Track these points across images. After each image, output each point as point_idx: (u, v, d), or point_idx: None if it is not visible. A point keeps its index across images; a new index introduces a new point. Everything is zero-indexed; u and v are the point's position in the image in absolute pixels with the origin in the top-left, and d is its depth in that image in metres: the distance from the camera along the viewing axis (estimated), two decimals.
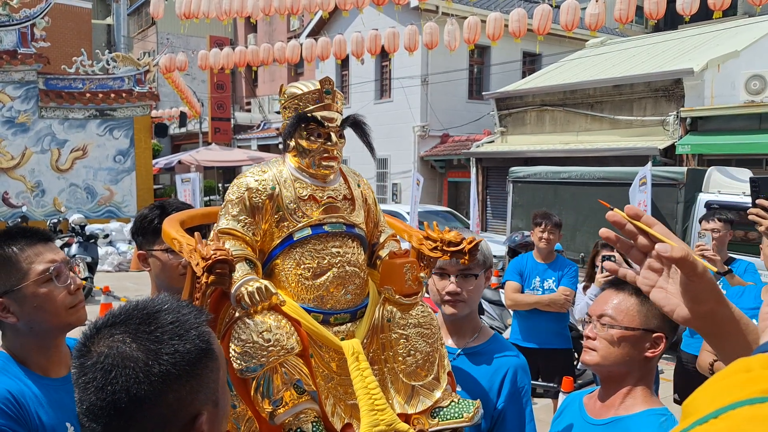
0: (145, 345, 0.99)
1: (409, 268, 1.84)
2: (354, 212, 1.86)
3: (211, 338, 1.09)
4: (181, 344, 1.01)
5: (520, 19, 10.00)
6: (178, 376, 1.00)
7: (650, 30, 19.36)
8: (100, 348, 1.00)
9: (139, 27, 34.04)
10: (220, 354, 1.11)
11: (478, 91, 18.80)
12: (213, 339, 1.10)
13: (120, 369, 0.97)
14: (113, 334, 1.01)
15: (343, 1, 10.67)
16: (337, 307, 1.79)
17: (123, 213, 14.11)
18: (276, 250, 1.78)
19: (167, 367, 0.99)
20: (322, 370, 1.77)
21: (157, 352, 0.99)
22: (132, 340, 1.00)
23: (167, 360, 0.99)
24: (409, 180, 15.38)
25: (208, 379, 1.06)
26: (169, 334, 1.02)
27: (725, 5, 8.29)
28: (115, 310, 1.06)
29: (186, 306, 1.09)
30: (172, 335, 1.02)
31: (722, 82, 11.76)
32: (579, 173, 9.58)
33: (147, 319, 1.03)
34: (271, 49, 13.50)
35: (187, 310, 1.08)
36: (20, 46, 13.26)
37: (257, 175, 1.80)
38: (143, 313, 1.04)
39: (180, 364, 1.00)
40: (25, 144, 13.59)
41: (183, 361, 1.00)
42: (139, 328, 1.01)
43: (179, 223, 1.85)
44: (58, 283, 1.68)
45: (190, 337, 1.03)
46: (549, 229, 4.91)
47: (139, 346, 0.99)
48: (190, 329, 1.04)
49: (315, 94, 1.79)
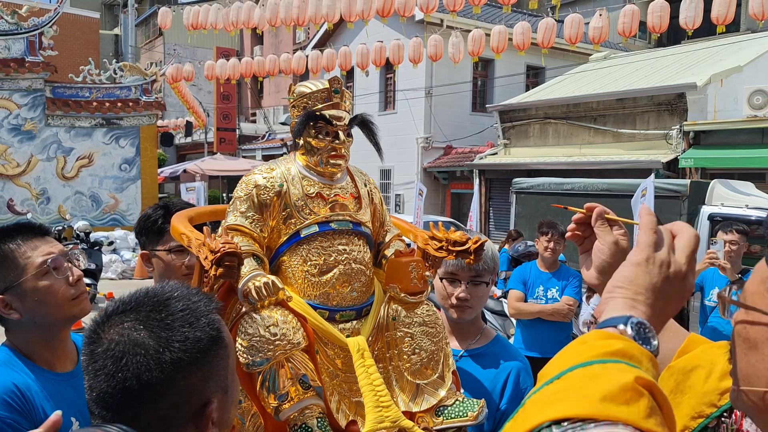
0: (156, 332, 1.00)
1: (414, 266, 1.86)
2: (360, 210, 1.88)
3: (221, 326, 1.10)
4: (192, 332, 1.02)
5: (524, 33, 10.05)
6: (189, 363, 1.00)
7: (653, 44, 19.44)
8: (111, 335, 1.01)
9: (147, 37, 34.29)
10: (229, 342, 1.12)
11: (482, 103, 18.86)
12: (223, 326, 1.11)
13: (131, 356, 0.98)
14: (124, 321, 1.02)
15: (348, 12, 10.75)
16: (342, 305, 1.80)
17: (127, 221, 14.13)
18: (283, 247, 1.79)
19: (178, 354, 0.99)
20: (328, 366, 1.77)
21: (168, 340, 1.00)
22: (143, 327, 1.00)
23: (178, 347, 1.00)
24: (412, 191, 15.40)
25: (219, 366, 1.06)
26: (180, 321, 1.02)
27: (728, 20, 8.33)
28: (126, 297, 1.07)
29: (196, 293, 1.09)
30: (182, 322, 1.02)
31: (725, 97, 11.78)
32: (582, 184, 9.60)
33: (158, 306, 1.03)
34: (277, 60, 13.59)
35: (197, 297, 1.08)
36: (28, 54, 13.35)
37: (265, 172, 1.82)
38: (154, 301, 1.04)
39: (191, 351, 1.01)
40: (31, 151, 13.65)
41: (194, 349, 1.01)
42: (150, 315, 1.02)
43: (188, 219, 1.87)
44: (57, 275, 1.67)
45: (200, 324, 1.04)
46: (555, 239, 4.92)
47: (149, 333, 1.00)
48: (200, 317, 1.05)
49: (324, 92, 1.81)
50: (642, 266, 0.87)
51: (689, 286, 0.91)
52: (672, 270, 0.88)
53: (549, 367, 0.78)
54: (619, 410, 0.68)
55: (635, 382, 0.71)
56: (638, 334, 0.79)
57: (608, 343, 0.77)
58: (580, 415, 0.68)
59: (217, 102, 25.48)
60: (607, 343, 0.76)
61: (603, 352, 0.75)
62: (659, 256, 0.88)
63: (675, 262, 0.89)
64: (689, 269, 0.90)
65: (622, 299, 0.84)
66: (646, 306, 0.84)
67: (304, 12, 11.29)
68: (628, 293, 0.85)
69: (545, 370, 0.78)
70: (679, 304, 0.91)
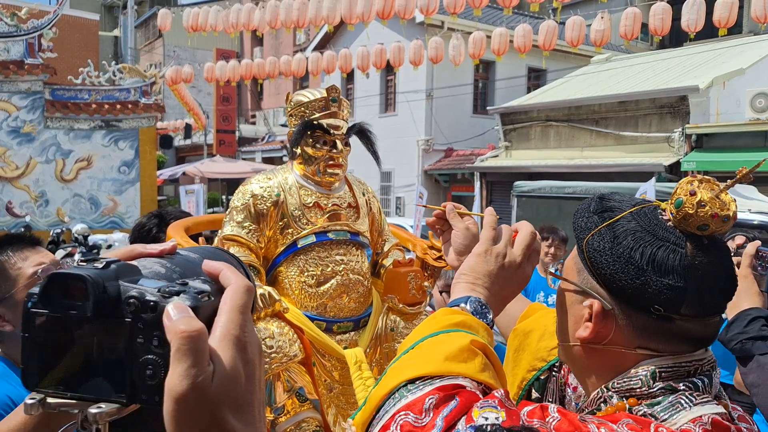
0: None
1: (413, 277, 1.83)
2: (358, 220, 1.86)
3: None
4: None
5: (525, 35, 10.03)
6: None
7: (655, 47, 19.42)
8: None
9: (146, 39, 34.30)
10: None
11: (483, 105, 18.83)
12: None
13: None
14: None
15: (349, 14, 10.73)
16: (340, 315, 1.77)
17: (126, 224, 14.09)
18: (280, 257, 1.77)
19: None
20: (325, 378, 1.75)
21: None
22: None
23: None
24: (412, 194, 15.38)
25: None
26: None
27: (730, 23, 8.30)
28: None
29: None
30: None
31: (727, 100, 11.75)
32: (583, 188, 9.56)
33: None
34: (277, 62, 13.57)
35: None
36: (27, 56, 13.32)
37: (262, 182, 1.79)
38: None
39: None
40: (30, 154, 13.62)
41: None
42: None
43: (184, 229, 1.85)
44: None
45: None
46: (556, 244, 4.88)
47: None
48: None
49: (321, 102, 1.79)
50: (481, 257, 1.04)
51: (524, 274, 1.08)
52: (507, 260, 1.05)
53: (407, 340, 0.96)
54: (458, 366, 0.86)
55: (471, 344, 0.89)
56: (476, 311, 0.98)
57: (452, 317, 0.95)
58: (429, 373, 0.85)
59: (216, 104, 25.48)
60: (450, 318, 0.95)
61: (447, 324, 0.94)
62: (496, 249, 1.05)
63: (510, 254, 1.06)
64: (524, 260, 1.07)
65: (464, 284, 1.03)
66: (483, 289, 1.02)
67: (304, 14, 11.27)
68: (470, 279, 1.03)
69: (404, 342, 0.96)
70: (517, 288, 1.08)
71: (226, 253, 0.68)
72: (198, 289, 0.55)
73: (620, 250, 0.90)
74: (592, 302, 0.93)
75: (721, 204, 0.90)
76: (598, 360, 0.95)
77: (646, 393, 0.89)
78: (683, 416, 0.86)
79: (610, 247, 0.91)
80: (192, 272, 0.59)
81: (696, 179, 0.94)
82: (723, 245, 0.94)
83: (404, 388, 0.84)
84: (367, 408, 0.87)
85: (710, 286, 0.89)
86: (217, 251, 0.67)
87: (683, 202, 0.91)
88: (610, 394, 0.93)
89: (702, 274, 0.89)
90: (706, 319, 0.91)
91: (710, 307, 0.91)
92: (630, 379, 0.91)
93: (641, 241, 0.90)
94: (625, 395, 0.91)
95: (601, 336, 0.93)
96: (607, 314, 0.92)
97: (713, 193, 0.91)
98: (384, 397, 0.86)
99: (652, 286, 0.88)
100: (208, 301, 0.55)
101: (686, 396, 0.88)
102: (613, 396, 0.92)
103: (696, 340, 0.92)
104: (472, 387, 0.84)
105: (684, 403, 0.87)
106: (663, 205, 0.97)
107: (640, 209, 0.95)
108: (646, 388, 0.89)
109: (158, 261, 0.60)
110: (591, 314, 0.93)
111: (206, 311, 0.54)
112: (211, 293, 0.55)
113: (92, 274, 0.52)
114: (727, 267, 0.93)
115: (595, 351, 0.95)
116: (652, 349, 0.91)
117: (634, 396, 0.90)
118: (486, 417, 0.77)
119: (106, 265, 0.54)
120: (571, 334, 0.98)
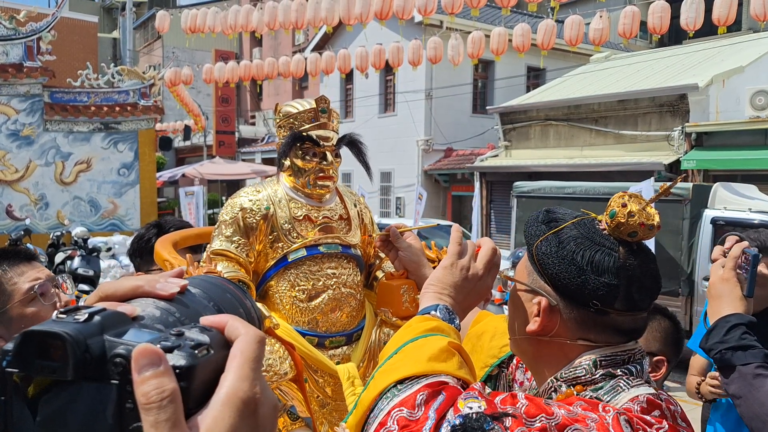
0: None
1: (406, 289, 1.80)
2: (350, 232, 1.82)
3: None
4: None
5: (524, 34, 9.99)
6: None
7: (654, 45, 19.37)
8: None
9: (145, 41, 34.28)
10: None
11: (482, 105, 18.79)
12: None
13: None
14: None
15: (347, 15, 10.70)
16: (332, 330, 1.74)
17: (126, 226, 14.07)
18: (270, 272, 1.74)
19: None
20: (317, 395, 1.72)
21: None
22: None
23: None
24: (412, 194, 15.34)
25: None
26: None
27: (729, 21, 8.27)
28: None
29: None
30: None
31: (727, 98, 11.71)
32: (583, 188, 9.51)
33: None
34: (276, 63, 13.55)
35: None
36: (26, 59, 13.30)
37: (251, 194, 1.76)
38: None
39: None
40: (29, 157, 13.59)
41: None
42: None
43: (172, 244, 1.82)
44: (44, 301, 1.64)
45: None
46: None
47: None
48: None
49: (310, 113, 1.76)
50: (448, 269, 1.18)
51: (485, 285, 1.23)
52: (470, 273, 1.19)
53: (388, 347, 1.08)
54: (441, 366, 0.98)
55: (449, 345, 1.01)
56: (445, 316, 1.10)
57: (426, 323, 1.07)
58: (416, 373, 0.96)
59: (215, 105, 25.46)
60: (425, 324, 1.07)
61: (423, 330, 1.06)
62: (461, 262, 1.19)
63: (473, 267, 1.20)
64: (485, 273, 1.21)
65: (432, 293, 1.16)
66: (449, 297, 1.15)
67: (302, 15, 11.25)
68: (437, 289, 1.16)
69: (385, 350, 1.09)
70: (478, 297, 1.23)
71: (229, 283, 0.61)
72: (195, 341, 0.47)
73: (564, 253, 1.03)
74: (540, 299, 1.06)
75: (647, 215, 1.03)
76: (546, 351, 1.08)
77: (590, 380, 1.02)
78: (623, 396, 0.98)
79: (556, 251, 1.04)
80: (194, 314, 0.53)
81: (626, 194, 1.06)
82: (649, 251, 1.08)
83: (395, 388, 0.95)
84: (359, 410, 0.97)
85: (638, 285, 1.03)
86: (218, 282, 0.60)
87: (616, 213, 1.03)
88: (559, 383, 1.05)
89: (632, 274, 1.02)
90: (635, 313, 1.04)
91: (638, 302, 1.03)
92: (575, 369, 1.03)
93: (582, 245, 1.03)
94: (572, 383, 1.04)
95: (548, 329, 1.05)
96: (553, 309, 1.05)
97: (641, 206, 1.03)
98: (376, 398, 0.96)
99: (591, 283, 1.01)
100: (207, 356, 0.47)
101: (624, 380, 1.01)
102: (562, 385, 1.05)
103: (627, 332, 1.05)
104: (453, 383, 0.96)
105: (623, 386, 1.00)
106: (599, 217, 1.09)
107: (580, 220, 1.08)
108: (590, 376, 1.02)
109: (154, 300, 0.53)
110: (539, 310, 1.05)
111: (206, 369, 0.46)
112: (211, 345, 0.47)
113: (72, 332, 0.44)
114: (653, 269, 1.06)
115: (542, 343, 1.07)
116: (591, 340, 1.04)
117: (580, 383, 1.03)
118: (470, 406, 0.87)
119: (89, 317, 0.46)
120: (522, 328, 1.09)
